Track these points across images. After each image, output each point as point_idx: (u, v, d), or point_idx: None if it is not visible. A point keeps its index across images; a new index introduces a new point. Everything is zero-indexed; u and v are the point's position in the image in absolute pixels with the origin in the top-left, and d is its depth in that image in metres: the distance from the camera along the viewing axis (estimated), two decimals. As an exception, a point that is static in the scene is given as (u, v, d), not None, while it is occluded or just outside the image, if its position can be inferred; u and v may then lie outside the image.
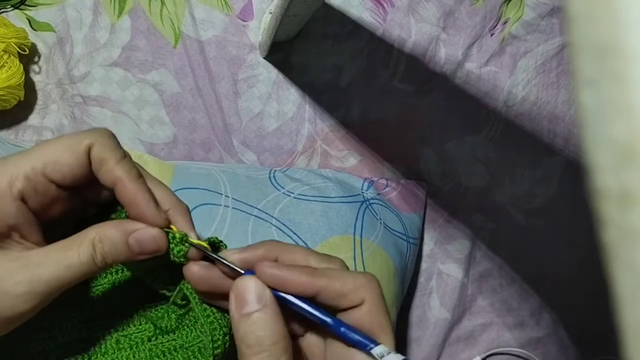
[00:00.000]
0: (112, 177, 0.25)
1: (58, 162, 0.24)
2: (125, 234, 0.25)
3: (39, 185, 0.24)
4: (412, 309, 0.62)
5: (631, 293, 0.12)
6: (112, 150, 0.25)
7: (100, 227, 0.25)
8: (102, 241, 0.24)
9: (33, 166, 0.24)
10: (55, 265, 0.23)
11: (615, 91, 0.11)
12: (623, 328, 0.12)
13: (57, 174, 0.24)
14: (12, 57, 0.47)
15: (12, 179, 0.23)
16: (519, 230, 0.65)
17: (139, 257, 0.25)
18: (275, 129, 0.57)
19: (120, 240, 0.25)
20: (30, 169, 0.24)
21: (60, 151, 0.24)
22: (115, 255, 0.24)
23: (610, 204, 0.12)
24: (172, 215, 0.27)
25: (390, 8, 0.60)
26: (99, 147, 0.25)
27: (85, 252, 0.24)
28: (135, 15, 0.54)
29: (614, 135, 0.11)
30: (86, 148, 0.24)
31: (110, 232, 0.25)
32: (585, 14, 0.11)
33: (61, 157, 0.24)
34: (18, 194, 0.23)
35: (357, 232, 0.46)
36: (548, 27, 0.65)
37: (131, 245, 0.25)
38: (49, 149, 0.24)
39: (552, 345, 0.66)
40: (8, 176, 0.24)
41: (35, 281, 0.23)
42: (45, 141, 0.25)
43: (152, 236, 0.25)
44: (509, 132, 0.64)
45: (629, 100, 0.11)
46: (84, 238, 0.24)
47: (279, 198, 0.46)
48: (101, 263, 0.24)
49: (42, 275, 0.23)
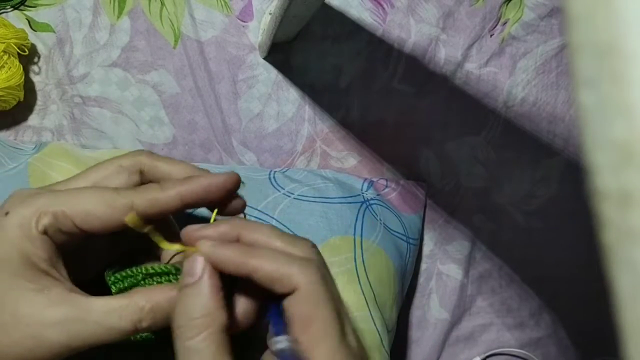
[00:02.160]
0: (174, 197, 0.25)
1: (91, 214, 0.23)
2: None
3: (64, 227, 0.23)
4: (411, 309, 0.62)
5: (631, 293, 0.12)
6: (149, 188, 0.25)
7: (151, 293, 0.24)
8: (154, 310, 0.23)
9: (63, 210, 0.23)
10: (96, 325, 0.22)
11: (614, 92, 0.11)
12: (623, 328, 0.12)
13: (87, 225, 0.24)
14: (11, 58, 0.47)
15: (40, 215, 0.23)
16: (519, 230, 0.65)
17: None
18: (275, 129, 0.57)
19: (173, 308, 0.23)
20: (59, 210, 0.23)
21: (95, 203, 0.24)
22: (165, 323, 0.24)
23: (610, 204, 0.12)
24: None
25: (389, 9, 0.60)
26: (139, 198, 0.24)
27: (130, 319, 0.23)
28: (135, 16, 0.54)
29: (613, 135, 0.11)
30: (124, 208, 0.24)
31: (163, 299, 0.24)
32: (585, 14, 0.11)
33: (95, 209, 0.24)
34: (42, 229, 0.23)
35: (358, 232, 0.46)
36: (548, 27, 0.65)
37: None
38: (85, 197, 0.24)
39: (552, 346, 0.66)
40: (37, 211, 0.23)
41: (74, 336, 0.22)
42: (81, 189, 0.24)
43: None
44: (509, 133, 0.64)
45: (628, 101, 0.11)
46: (131, 303, 0.23)
47: (279, 199, 0.46)
48: (144, 330, 0.23)
49: (80, 331, 0.22)
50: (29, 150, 0.45)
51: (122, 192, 0.24)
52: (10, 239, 0.23)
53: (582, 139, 0.12)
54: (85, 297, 0.23)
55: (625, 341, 0.12)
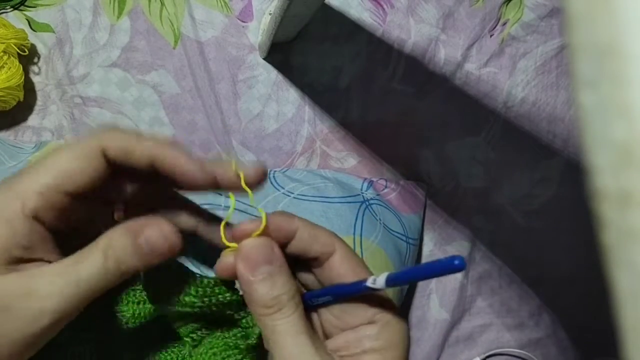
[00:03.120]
0: (147, 155, 0.23)
1: (72, 172, 0.22)
2: (135, 235, 0.23)
3: (54, 201, 0.22)
4: (411, 309, 0.62)
5: (630, 293, 0.12)
6: (128, 137, 0.23)
7: (110, 231, 0.23)
8: (112, 247, 0.23)
9: (46, 182, 0.22)
10: (65, 282, 0.22)
11: (614, 92, 0.11)
12: (623, 328, 0.12)
13: (72, 186, 0.23)
14: (11, 58, 0.47)
15: (24, 199, 0.22)
16: (519, 231, 0.65)
17: (152, 260, 0.23)
18: (274, 130, 0.57)
19: (130, 243, 0.23)
20: (43, 185, 0.22)
21: (71, 161, 0.23)
22: (129, 261, 0.23)
23: (610, 204, 0.12)
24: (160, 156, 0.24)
25: (389, 9, 0.60)
26: (113, 143, 0.23)
27: (96, 262, 0.22)
28: (135, 16, 0.54)
29: (613, 136, 0.11)
30: (100, 150, 0.23)
31: (118, 235, 0.23)
32: (585, 15, 0.11)
33: (74, 167, 0.23)
34: (31, 213, 0.22)
35: (357, 232, 0.46)
36: (547, 28, 0.65)
37: (142, 247, 0.23)
38: (60, 161, 0.23)
39: (551, 346, 0.66)
40: (19, 195, 0.22)
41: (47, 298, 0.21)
42: (54, 152, 0.23)
43: (163, 235, 0.23)
44: (509, 133, 0.64)
45: (628, 101, 0.11)
46: (94, 247, 0.23)
47: (279, 198, 0.46)
48: (116, 271, 0.23)
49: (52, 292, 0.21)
50: (29, 149, 0.45)
51: (91, 137, 0.23)
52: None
53: (582, 140, 0.12)
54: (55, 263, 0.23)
55: (625, 341, 0.12)
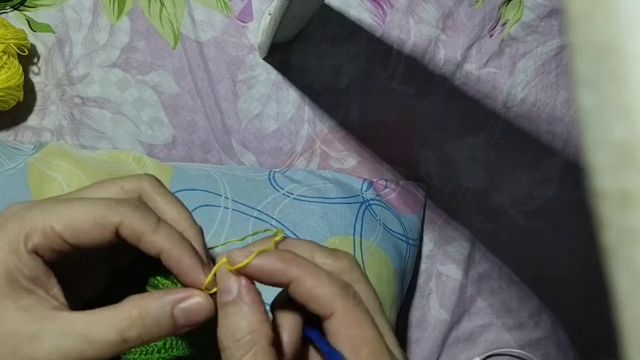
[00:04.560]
0: (154, 249, 0.23)
1: (79, 230, 0.23)
2: (171, 305, 0.23)
3: (55, 245, 0.22)
4: (411, 310, 0.62)
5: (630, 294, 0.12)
6: (145, 220, 0.23)
7: (141, 299, 0.23)
8: (142, 317, 0.22)
9: (52, 225, 0.22)
10: (79, 337, 0.21)
11: (614, 92, 0.11)
12: (622, 329, 0.12)
13: (75, 241, 0.23)
14: (11, 58, 0.47)
15: (29, 232, 0.22)
16: (519, 231, 0.65)
17: (183, 329, 0.23)
18: (274, 130, 0.57)
19: (164, 314, 0.22)
20: (49, 227, 0.22)
21: (84, 219, 0.23)
22: (157, 332, 0.22)
23: (610, 205, 0.12)
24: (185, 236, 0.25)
25: (389, 9, 0.60)
26: (129, 225, 0.23)
27: (116, 327, 0.22)
28: (135, 17, 0.54)
29: (613, 136, 0.11)
30: (113, 225, 0.23)
31: (152, 305, 0.22)
32: (584, 15, 0.11)
33: (84, 226, 0.23)
34: (32, 248, 0.22)
35: (357, 232, 0.46)
36: (547, 28, 0.65)
37: (177, 318, 0.23)
38: (74, 212, 0.23)
39: (551, 346, 0.66)
40: (26, 227, 0.22)
41: (54, 351, 0.21)
42: (72, 200, 0.23)
43: (199, 303, 0.23)
44: (508, 134, 0.64)
45: (627, 102, 0.11)
46: (118, 311, 0.22)
47: (278, 199, 0.46)
48: (135, 342, 0.22)
49: (61, 345, 0.21)
50: (28, 151, 0.45)
51: (113, 209, 0.23)
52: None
53: (582, 140, 0.12)
54: (71, 312, 0.22)
55: (625, 341, 0.12)
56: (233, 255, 0.22)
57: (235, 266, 0.22)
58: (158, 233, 0.23)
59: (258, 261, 0.22)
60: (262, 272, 0.22)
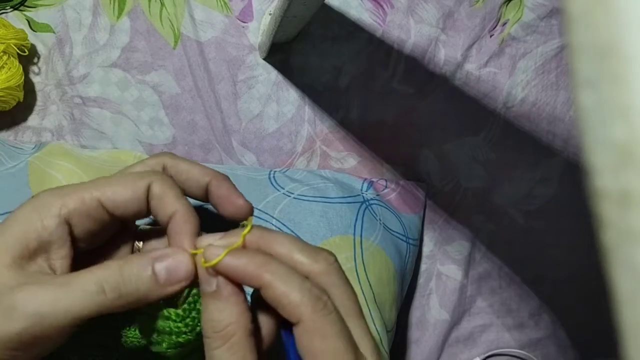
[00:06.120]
0: (171, 209, 0.25)
1: (117, 192, 0.25)
2: (152, 261, 0.24)
3: (92, 210, 0.24)
4: (411, 310, 0.62)
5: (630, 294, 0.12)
6: (171, 187, 0.26)
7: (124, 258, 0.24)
8: (121, 267, 0.23)
9: (91, 192, 0.24)
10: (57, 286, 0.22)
11: (614, 92, 0.11)
12: (622, 329, 0.12)
13: (113, 204, 0.25)
14: (11, 58, 0.47)
15: (66, 199, 0.24)
16: (519, 231, 0.65)
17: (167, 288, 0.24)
18: (274, 130, 0.57)
19: (145, 268, 0.23)
20: (88, 193, 0.24)
21: (120, 184, 0.25)
22: (136, 286, 0.23)
23: (610, 205, 0.12)
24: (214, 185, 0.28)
25: (389, 9, 0.60)
26: (157, 184, 0.25)
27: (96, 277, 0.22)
28: (135, 16, 0.54)
29: (613, 136, 0.11)
30: (146, 185, 0.25)
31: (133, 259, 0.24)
32: (584, 15, 0.11)
33: (121, 189, 0.25)
34: (66, 214, 0.24)
35: (357, 232, 0.46)
36: (547, 28, 0.65)
37: (158, 273, 0.23)
38: (110, 181, 0.25)
39: (551, 346, 0.66)
40: (63, 195, 0.24)
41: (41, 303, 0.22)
42: (107, 176, 0.26)
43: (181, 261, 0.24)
44: (508, 133, 0.64)
45: (627, 102, 0.11)
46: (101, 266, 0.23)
47: (279, 198, 0.46)
48: (113, 293, 0.22)
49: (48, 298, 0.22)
50: (29, 150, 0.45)
51: (144, 175, 0.26)
52: (19, 214, 0.23)
53: (582, 140, 0.12)
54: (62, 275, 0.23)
55: (625, 341, 0.12)
56: (208, 252, 0.23)
57: (208, 264, 0.23)
58: (179, 200, 0.25)
59: (230, 262, 0.23)
60: (234, 273, 0.23)
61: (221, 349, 0.22)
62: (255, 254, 0.23)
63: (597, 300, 0.65)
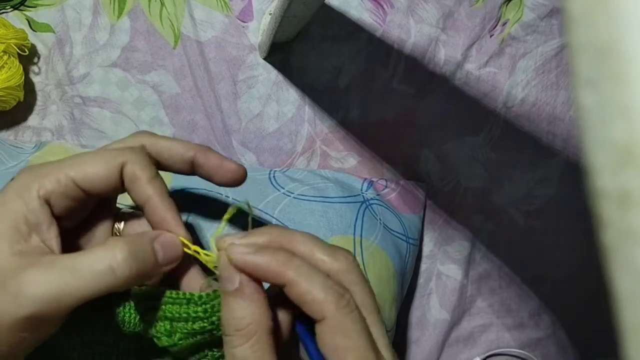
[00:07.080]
0: (144, 195, 0.26)
1: (91, 171, 0.25)
2: (151, 239, 0.25)
3: (68, 190, 0.24)
4: (411, 310, 0.62)
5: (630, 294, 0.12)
6: (144, 168, 0.26)
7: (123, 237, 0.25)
8: (129, 243, 0.24)
9: (66, 172, 0.24)
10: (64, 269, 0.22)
11: (614, 92, 0.11)
12: (622, 329, 0.12)
13: (87, 183, 0.25)
14: (11, 58, 0.47)
15: (43, 181, 0.24)
16: (519, 231, 0.65)
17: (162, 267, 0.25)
18: (274, 129, 0.58)
19: (147, 245, 0.24)
20: (62, 173, 0.24)
21: (94, 163, 0.25)
22: (142, 263, 0.24)
23: (610, 205, 0.12)
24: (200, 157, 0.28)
25: (389, 9, 0.60)
26: (131, 165, 0.26)
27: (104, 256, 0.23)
28: (135, 16, 0.54)
29: (613, 136, 0.11)
30: (119, 165, 0.25)
31: (136, 237, 0.24)
32: (585, 15, 0.11)
33: (94, 168, 0.25)
34: (44, 195, 0.24)
35: (357, 232, 0.46)
36: (547, 28, 0.65)
37: (157, 252, 0.25)
38: (84, 159, 0.25)
39: (551, 346, 0.66)
40: (39, 177, 0.24)
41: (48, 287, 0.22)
42: (82, 153, 0.26)
43: (172, 238, 0.25)
44: (508, 133, 0.64)
45: (628, 102, 0.11)
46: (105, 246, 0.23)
47: (279, 198, 0.46)
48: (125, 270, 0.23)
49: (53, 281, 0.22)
50: (29, 149, 0.45)
51: (119, 152, 0.26)
52: (4, 201, 0.24)
53: (582, 140, 0.12)
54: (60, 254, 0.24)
55: (625, 341, 0.12)
56: (231, 250, 0.23)
57: (232, 260, 0.23)
58: (151, 184, 0.26)
59: (254, 259, 0.23)
60: (258, 271, 0.23)
61: (243, 347, 0.22)
62: (278, 252, 0.23)
63: (597, 300, 0.65)
